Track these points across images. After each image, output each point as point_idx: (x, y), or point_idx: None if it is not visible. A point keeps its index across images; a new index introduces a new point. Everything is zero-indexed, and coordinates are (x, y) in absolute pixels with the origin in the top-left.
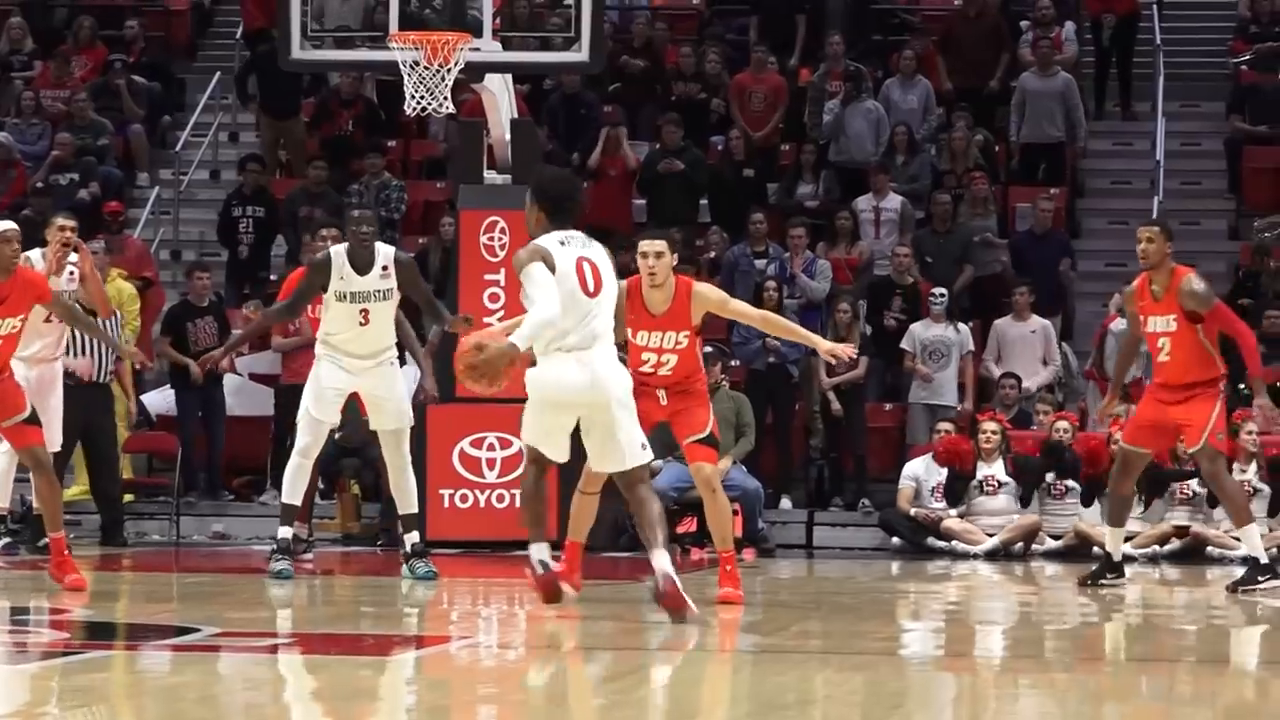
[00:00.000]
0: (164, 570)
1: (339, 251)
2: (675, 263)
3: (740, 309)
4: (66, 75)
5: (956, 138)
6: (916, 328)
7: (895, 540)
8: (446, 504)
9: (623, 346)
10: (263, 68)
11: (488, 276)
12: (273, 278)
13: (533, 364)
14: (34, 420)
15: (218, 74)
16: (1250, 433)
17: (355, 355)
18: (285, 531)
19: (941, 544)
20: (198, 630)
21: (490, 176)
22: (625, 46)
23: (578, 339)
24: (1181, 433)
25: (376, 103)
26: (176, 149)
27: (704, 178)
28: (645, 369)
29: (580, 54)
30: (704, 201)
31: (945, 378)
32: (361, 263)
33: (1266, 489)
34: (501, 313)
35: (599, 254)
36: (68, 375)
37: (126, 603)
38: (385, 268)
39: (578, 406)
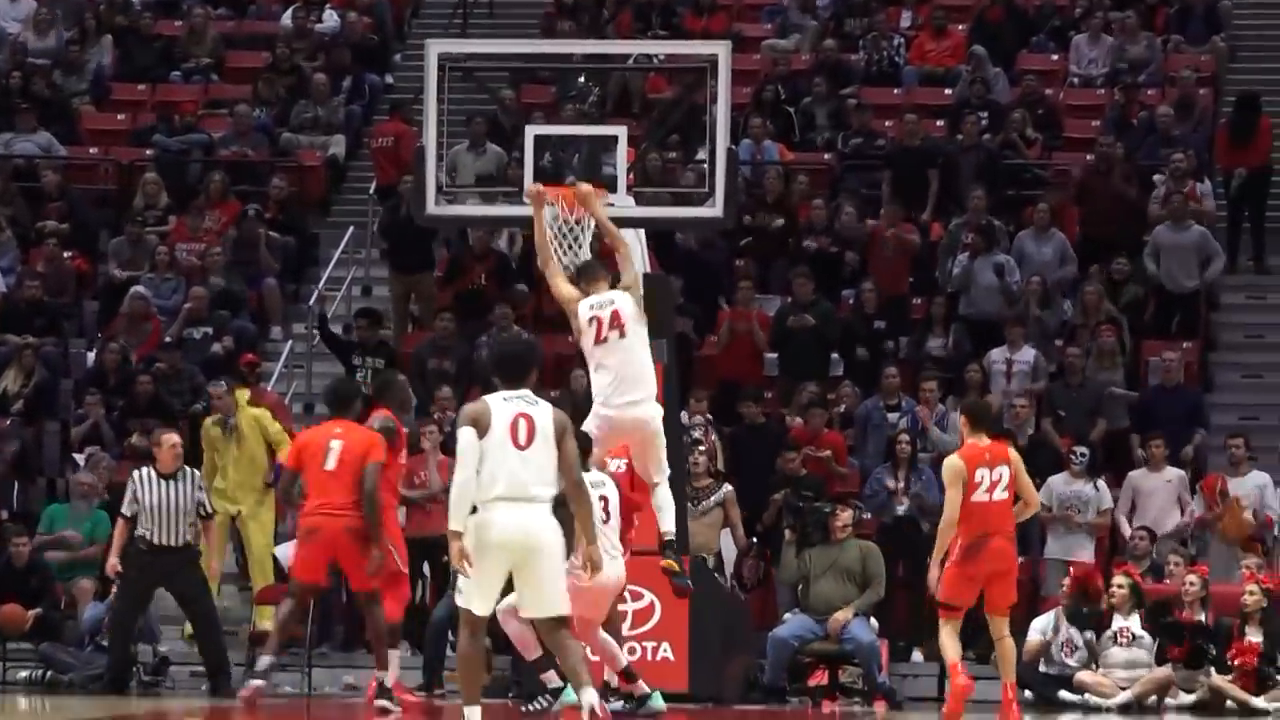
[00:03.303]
0: None
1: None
2: None
3: None
4: (201, 229)
5: (1089, 291)
6: (1055, 482)
7: (1027, 693)
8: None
9: None
10: (392, 223)
11: None
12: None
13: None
14: None
15: (351, 228)
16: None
17: None
18: None
19: (1074, 697)
20: None
21: None
22: (758, 201)
23: (506, 488)
24: None
25: (508, 256)
26: (310, 303)
27: (835, 332)
28: None
29: (714, 209)
30: (835, 355)
31: (1081, 534)
32: None
33: None
34: (625, 461)
35: (542, 413)
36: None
37: None
38: None
39: (510, 551)
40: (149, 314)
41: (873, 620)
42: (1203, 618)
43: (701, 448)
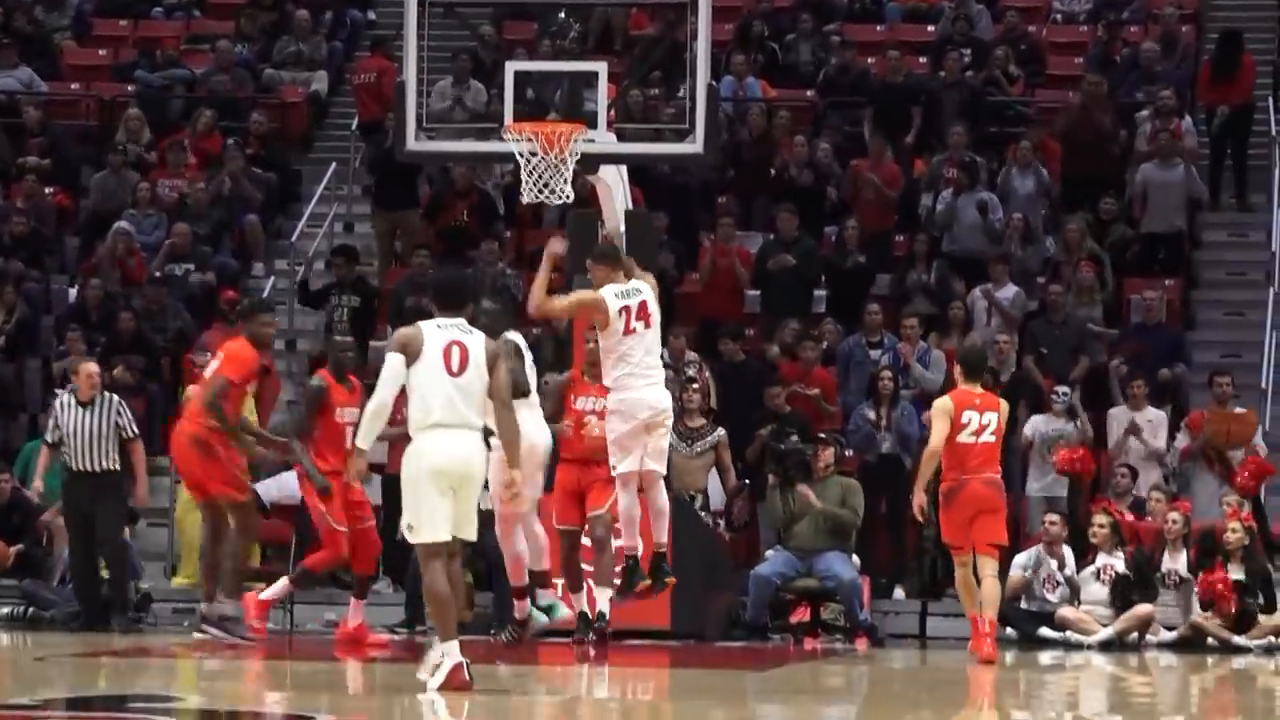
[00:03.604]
0: (279, 657)
1: None
2: None
3: None
4: (183, 165)
5: (1071, 229)
6: (1037, 421)
7: (1009, 630)
8: (560, 594)
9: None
10: (377, 158)
11: None
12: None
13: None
14: None
15: (333, 165)
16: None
17: None
18: None
19: (1055, 634)
20: (313, 718)
21: None
22: (739, 138)
23: (442, 415)
24: None
25: (491, 193)
26: (292, 239)
27: (817, 270)
28: None
29: (695, 145)
30: (817, 292)
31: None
32: None
33: None
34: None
35: (475, 341)
36: None
37: (240, 690)
38: None
39: (449, 477)
40: (132, 249)
41: (854, 557)
42: (1184, 555)
43: (695, 385)
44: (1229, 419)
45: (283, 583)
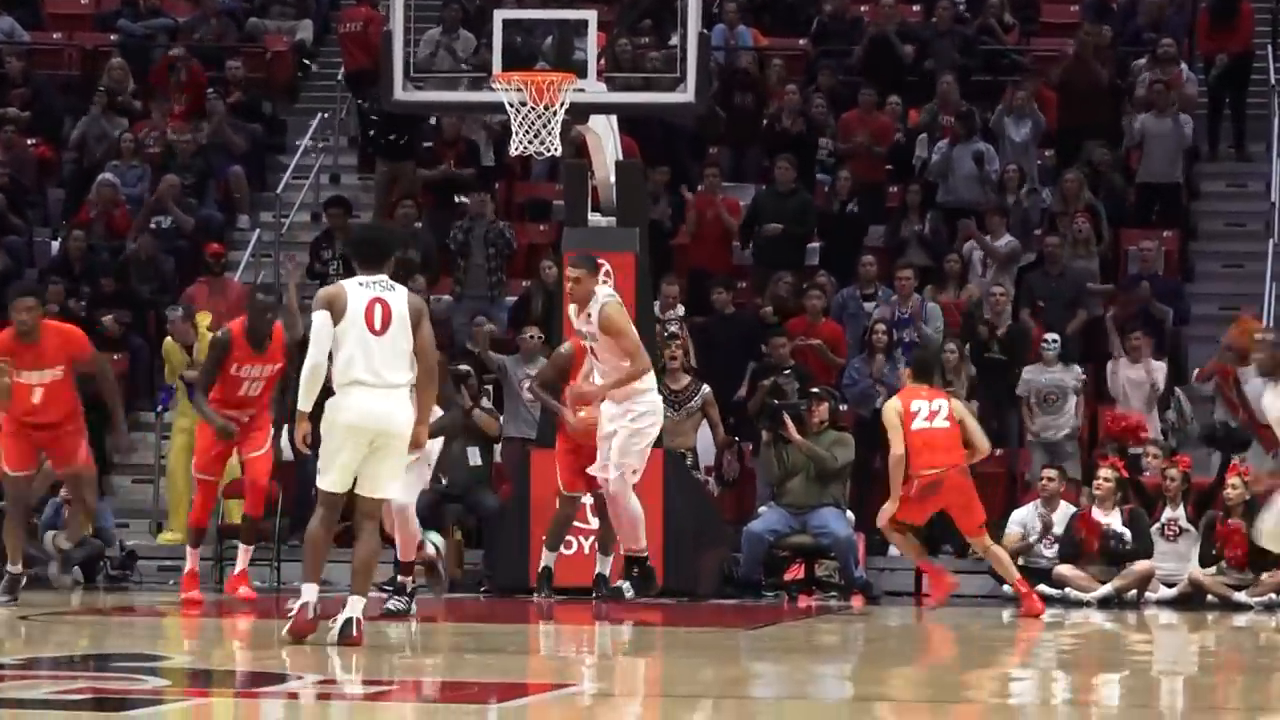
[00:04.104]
0: (266, 617)
1: None
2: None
3: None
4: (166, 115)
5: (1069, 179)
6: (1031, 372)
7: (1006, 587)
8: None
9: None
10: (377, 109)
11: None
12: None
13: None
14: None
15: (319, 115)
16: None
17: None
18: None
19: (1053, 591)
20: (301, 678)
21: (595, 219)
22: (730, 85)
23: (363, 372)
24: None
25: (479, 144)
26: (278, 191)
27: (812, 224)
28: None
29: (686, 94)
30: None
31: (1062, 422)
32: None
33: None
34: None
35: (398, 299)
36: None
37: (225, 649)
38: None
39: (365, 434)
40: (117, 201)
41: (849, 513)
42: (1182, 510)
43: (677, 341)
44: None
45: (241, 549)
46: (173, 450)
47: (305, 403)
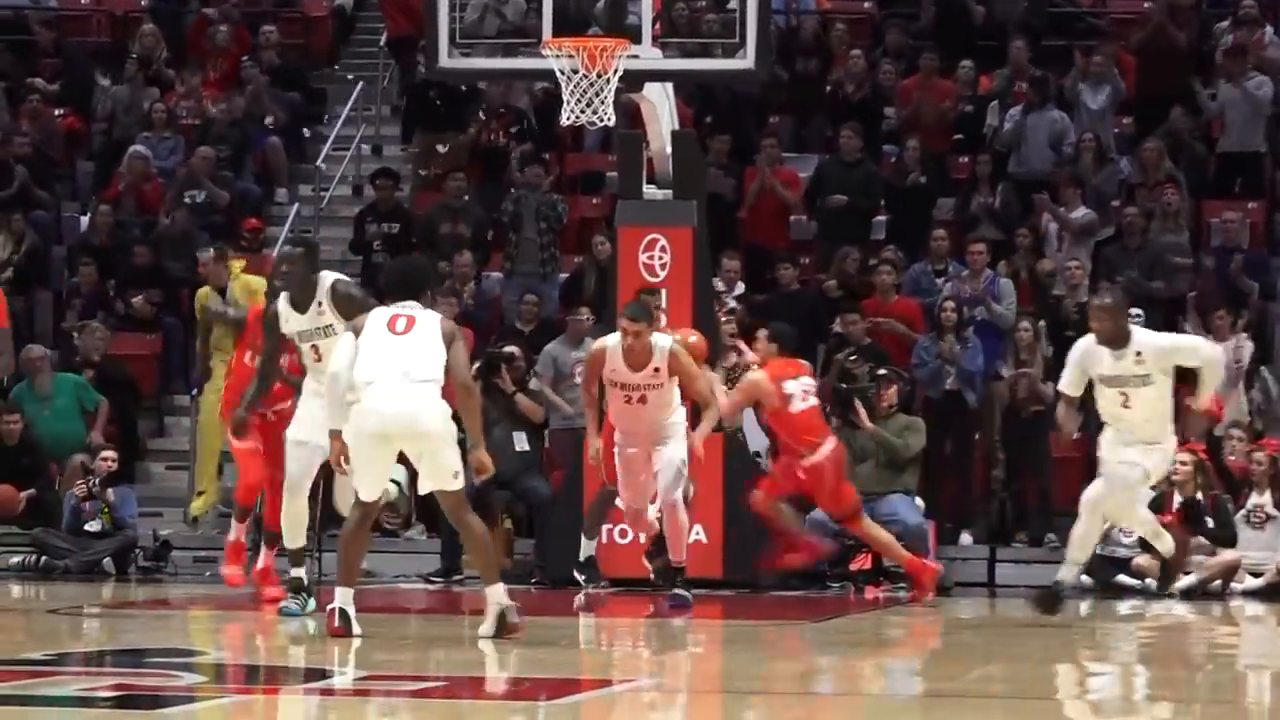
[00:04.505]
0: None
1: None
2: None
3: None
4: (200, 84)
5: (1148, 148)
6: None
7: (1084, 578)
8: (605, 539)
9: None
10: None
11: None
12: None
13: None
14: None
15: (360, 84)
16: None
17: None
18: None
19: (1133, 582)
20: (343, 673)
21: (650, 191)
22: (792, 50)
23: (382, 370)
24: None
25: (528, 113)
26: (317, 163)
27: (878, 197)
28: None
29: (745, 61)
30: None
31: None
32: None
33: None
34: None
35: (428, 315)
36: None
37: (266, 643)
38: (320, 303)
39: (394, 440)
40: (149, 175)
41: (919, 501)
42: (1269, 496)
43: (734, 315)
44: None
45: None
46: (203, 410)
47: (335, 421)
